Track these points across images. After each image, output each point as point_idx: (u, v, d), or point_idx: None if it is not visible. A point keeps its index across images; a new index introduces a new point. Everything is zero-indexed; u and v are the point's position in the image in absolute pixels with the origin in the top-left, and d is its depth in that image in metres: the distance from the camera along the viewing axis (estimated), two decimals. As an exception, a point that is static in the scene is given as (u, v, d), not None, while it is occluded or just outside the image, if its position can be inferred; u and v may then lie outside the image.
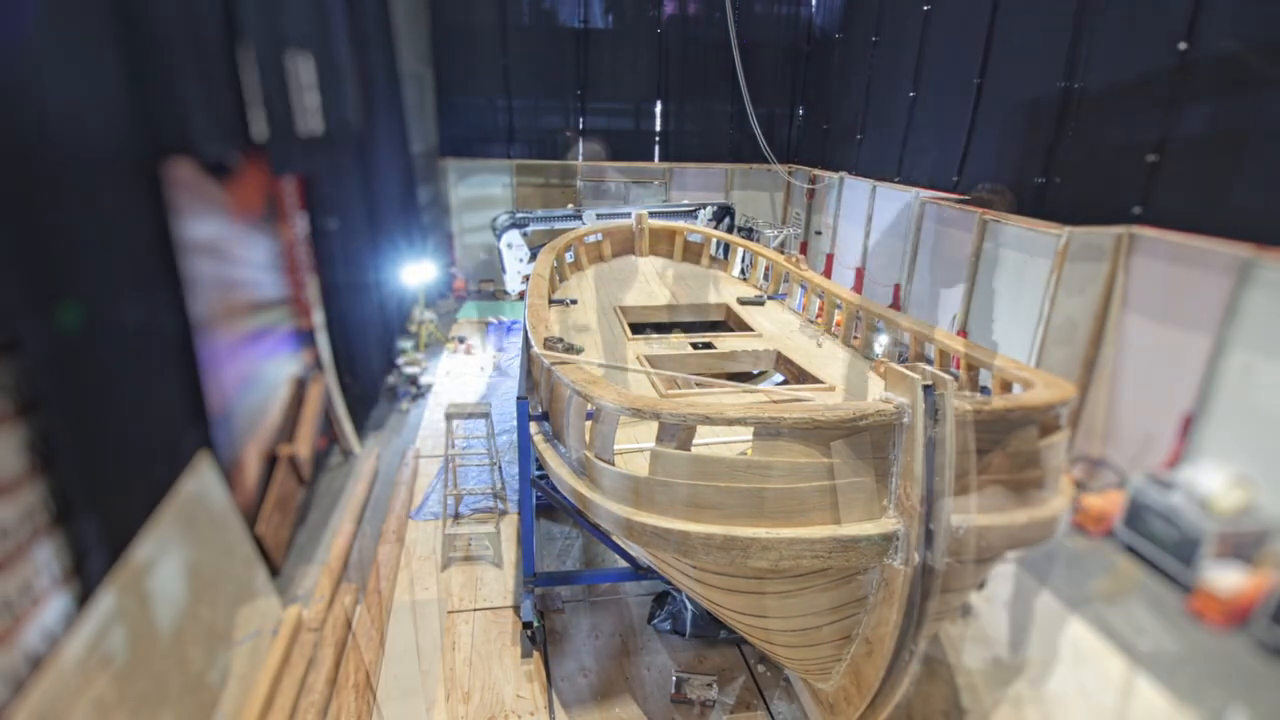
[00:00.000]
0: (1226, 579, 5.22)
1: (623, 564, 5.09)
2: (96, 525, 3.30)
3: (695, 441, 3.16)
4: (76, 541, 3.17)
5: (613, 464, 3.42)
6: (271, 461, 5.67)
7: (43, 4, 3.13)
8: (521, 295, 9.96)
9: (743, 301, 6.96)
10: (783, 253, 7.59)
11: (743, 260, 8.56)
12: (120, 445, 3.64)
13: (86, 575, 3.20)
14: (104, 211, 3.61)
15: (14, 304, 2.91)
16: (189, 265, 4.30)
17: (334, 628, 4.80)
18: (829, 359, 5.49)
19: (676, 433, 3.04)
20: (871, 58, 12.31)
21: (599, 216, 10.37)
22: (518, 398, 4.80)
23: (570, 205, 13.06)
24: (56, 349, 3.17)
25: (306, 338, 6.84)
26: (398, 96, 10.97)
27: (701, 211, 11.68)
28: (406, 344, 10.35)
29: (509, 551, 6.00)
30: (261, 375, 5.65)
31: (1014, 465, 2.99)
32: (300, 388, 6.48)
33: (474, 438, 7.37)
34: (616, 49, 14.21)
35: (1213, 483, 5.61)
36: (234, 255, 5.26)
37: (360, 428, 8.12)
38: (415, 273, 10.74)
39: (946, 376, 2.63)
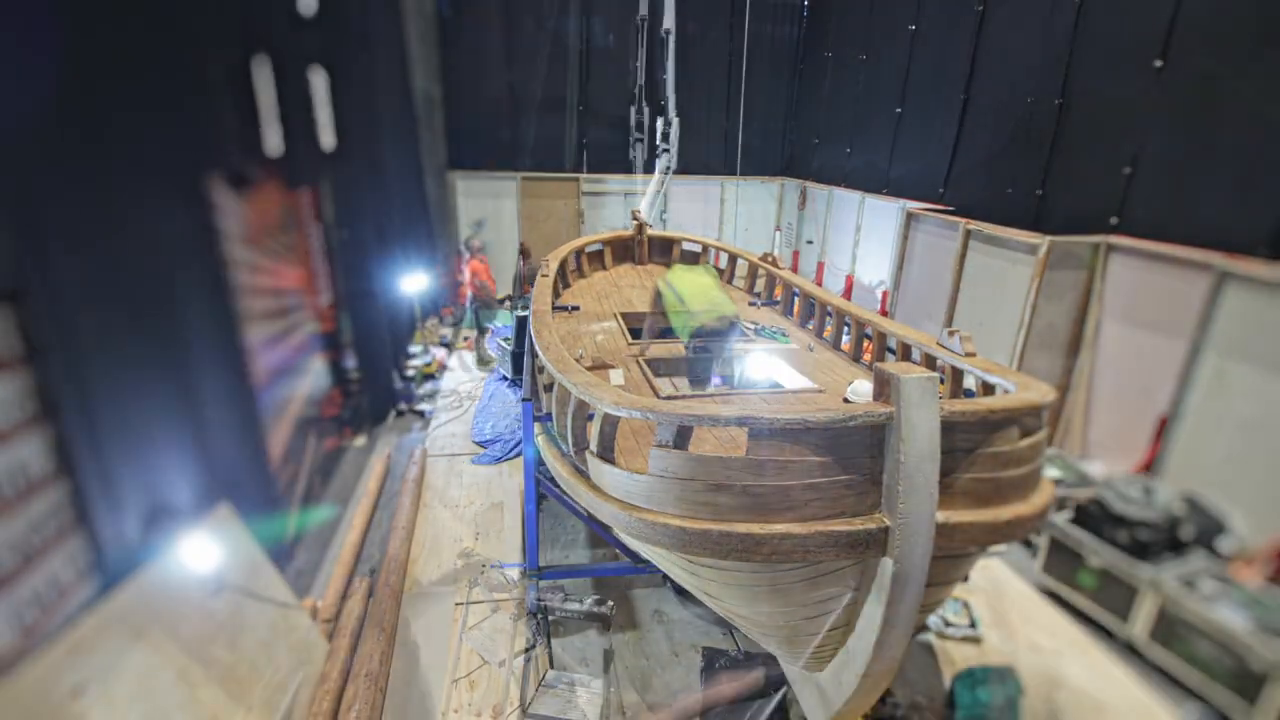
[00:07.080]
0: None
1: (624, 558, 5.30)
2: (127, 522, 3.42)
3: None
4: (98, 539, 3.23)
5: (613, 463, 3.58)
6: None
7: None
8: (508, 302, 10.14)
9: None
10: (775, 261, 7.82)
11: (737, 268, 8.82)
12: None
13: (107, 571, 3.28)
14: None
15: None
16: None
17: (347, 619, 4.99)
18: (818, 363, 5.72)
19: (674, 433, 3.15)
20: (860, 75, 12.66)
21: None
22: (521, 399, 5.04)
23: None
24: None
25: (322, 341, 7.09)
26: (410, 112, 11.28)
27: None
28: (416, 348, 10.63)
29: (514, 546, 6.22)
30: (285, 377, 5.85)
31: (996, 464, 3.05)
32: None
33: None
34: (617, 66, 14.51)
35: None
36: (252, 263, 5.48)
37: (372, 428, 8.42)
38: (420, 281, 10.99)
39: (932, 376, 2.74)
